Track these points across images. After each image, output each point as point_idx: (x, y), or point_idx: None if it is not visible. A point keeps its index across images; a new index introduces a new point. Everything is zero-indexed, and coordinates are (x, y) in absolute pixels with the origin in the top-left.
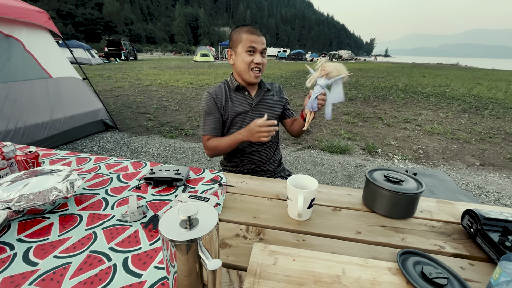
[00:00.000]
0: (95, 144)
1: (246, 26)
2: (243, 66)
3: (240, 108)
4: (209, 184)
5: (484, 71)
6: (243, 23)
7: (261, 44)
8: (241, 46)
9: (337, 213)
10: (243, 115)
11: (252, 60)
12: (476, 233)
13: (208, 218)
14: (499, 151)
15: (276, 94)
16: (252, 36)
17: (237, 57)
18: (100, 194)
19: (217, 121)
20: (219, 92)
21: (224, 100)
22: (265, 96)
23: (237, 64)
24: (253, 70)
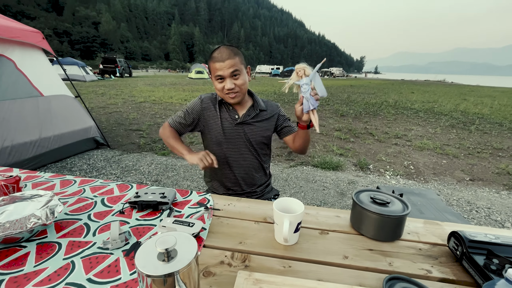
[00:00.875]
0: (85, 163)
1: (215, 50)
2: (218, 92)
3: (224, 121)
4: (196, 207)
5: (470, 87)
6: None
7: (228, 68)
8: (212, 75)
9: (325, 237)
10: (225, 130)
11: (223, 86)
12: (462, 256)
13: (187, 248)
14: (487, 166)
15: (270, 112)
16: (217, 64)
17: (213, 84)
18: (82, 219)
19: (184, 124)
20: (208, 103)
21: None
22: (256, 115)
23: (215, 90)
24: (228, 94)
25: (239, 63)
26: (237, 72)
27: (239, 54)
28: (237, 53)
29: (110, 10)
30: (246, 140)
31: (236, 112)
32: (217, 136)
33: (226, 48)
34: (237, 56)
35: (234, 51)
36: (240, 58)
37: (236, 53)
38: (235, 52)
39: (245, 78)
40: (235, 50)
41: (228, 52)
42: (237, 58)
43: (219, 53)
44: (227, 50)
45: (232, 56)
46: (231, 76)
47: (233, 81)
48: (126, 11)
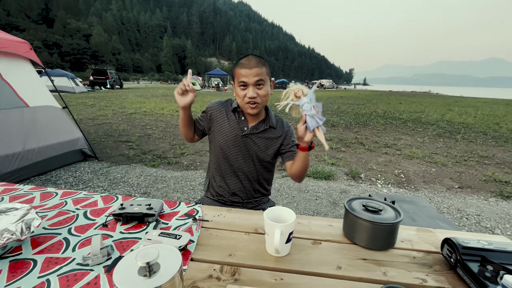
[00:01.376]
0: (71, 175)
1: (244, 57)
2: (239, 100)
3: (232, 130)
4: (184, 218)
5: (454, 98)
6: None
7: (253, 76)
8: (236, 81)
9: (317, 247)
10: (232, 140)
11: (245, 94)
12: (457, 264)
13: (171, 261)
14: (475, 173)
15: (278, 131)
16: (243, 70)
17: (235, 91)
18: (61, 234)
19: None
20: (220, 107)
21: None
22: (264, 130)
23: (236, 98)
24: (249, 104)
25: (265, 73)
26: (262, 82)
27: (266, 65)
28: (265, 64)
29: (102, 23)
30: (249, 153)
31: (246, 123)
32: (222, 142)
33: (255, 57)
34: (264, 67)
35: (262, 61)
36: (267, 70)
37: (264, 64)
38: (263, 63)
39: (268, 90)
40: (263, 61)
41: (257, 61)
42: (264, 68)
43: (247, 60)
44: (256, 59)
45: (260, 65)
46: (255, 85)
47: (256, 90)
48: (118, 23)
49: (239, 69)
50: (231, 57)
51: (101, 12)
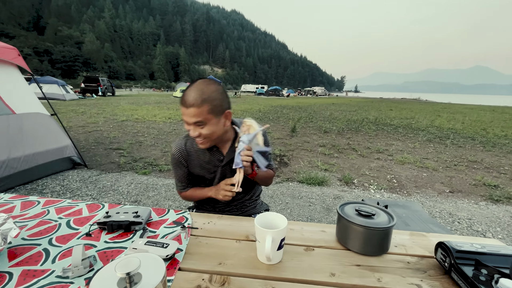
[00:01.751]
0: (58, 184)
1: (187, 88)
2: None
3: (210, 164)
4: (172, 226)
5: (442, 104)
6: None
7: (189, 117)
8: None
9: (310, 253)
10: (213, 173)
11: (189, 131)
12: (451, 268)
13: (153, 271)
14: (465, 178)
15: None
16: (182, 108)
17: None
18: (41, 244)
19: (184, 175)
20: (185, 149)
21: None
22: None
23: None
24: (196, 140)
25: (206, 112)
26: (201, 123)
27: (211, 100)
28: (207, 100)
29: (94, 31)
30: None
31: (219, 152)
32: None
33: (196, 92)
34: (206, 104)
35: (203, 96)
36: (210, 106)
37: (205, 100)
38: (204, 98)
39: (214, 129)
40: (206, 94)
41: (196, 97)
42: (205, 106)
43: (186, 95)
44: (195, 95)
45: (198, 103)
46: (194, 125)
47: (198, 129)
48: (111, 31)
49: (180, 105)
50: (225, 65)
51: (94, 20)
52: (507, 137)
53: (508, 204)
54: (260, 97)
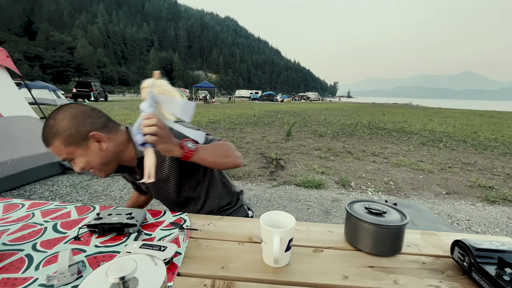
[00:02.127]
0: (47, 189)
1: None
2: None
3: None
4: (169, 228)
5: (433, 109)
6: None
7: (55, 155)
8: None
9: (319, 255)
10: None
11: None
12: (471, 268)
13: (152, 275)
14: (460, 179)
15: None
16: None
17: None
18: (24, 250)
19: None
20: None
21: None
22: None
23: None
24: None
25: (63, 147)
26: (70, 159)
27: (60, 132)
28: (56, 134)
29: (87, 36)
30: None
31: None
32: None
33: (45, 129)
34: (57, 140)
35: (52, 131)
36: (63, 139)
37: (55, 135)
38: (53, 133)
39: (87, 159)
40: (54, 128)
41: (46, 136)
42: (57, 142)
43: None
44: (45, 133)
45: (50, 142)
46: (68, 161)
47: (74, 164)
48: (104, 37)
49: None
50: (219, 70)
51: (87, 25)
52: (497, 140)
53: (504, 205)
54: (254, 102)
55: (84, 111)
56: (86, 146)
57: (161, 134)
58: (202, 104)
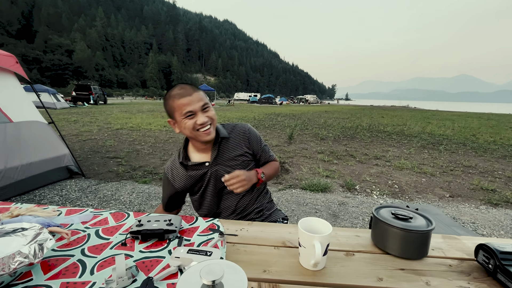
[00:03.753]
0: (57, 194)
1: (174, 88)
2: (188, 132)
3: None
4: (206, 234)
5: (431, 112)
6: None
7: (198, 101)
8: (178, 114)
9: (351, 258)
10: (202, 177)
11: (195, 122)
12: (496, 270)
13: (234, 281)
14: (462, 182)
15: (235, 136)
16: (183, 99)
17: (180, 125)
18: (75, 255)
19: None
20: (174, 171)
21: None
22: (222, 147)
23: (184, 132)
24: (201, 130)
25: (204, 96)
26: (207, 105)
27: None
28: (199, 88)
29: (86, 39)
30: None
31: (202, 164)
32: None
33: (187, 84)
34: (201, 91)
35: (195, 86)
36: (204, 93)
37: (198, 88)
38: (197, 87)
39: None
40: (195, 86)
41: (191, 87)
42: (201, 92)
43: (181, 89)
44: (189, 86)
45: (197, 89)
46: (201, 110)
47: (205, 114)
48: (102, 40)
49: (177, 100)
50: (217, 73)
51: (85, 28)
52: (496, 142)
53: (507, 207)
54: (253, 105)
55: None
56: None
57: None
58: None
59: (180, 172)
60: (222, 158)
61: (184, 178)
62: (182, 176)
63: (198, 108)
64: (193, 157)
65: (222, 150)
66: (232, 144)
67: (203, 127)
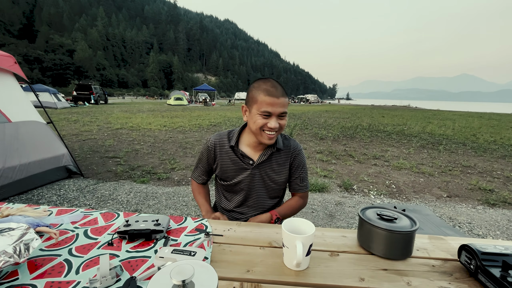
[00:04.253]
0: (55, 193)
1: (267, 82)
2: (254, 128)
3: (238, 167)
4: (193, 234)
5: (432, 111)
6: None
7: (280, 107)
8: (256, 107)
9: (336, 259)
10: (241, 176)
11: (266, 123)
12: (477, 270)
13: (206, 280)
14: (460, 182)
15: (285, 154)
16: (269, 98)
17: (251, 117)
18: (62, 255)
19: (204, 171)
20: (220, 148)
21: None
22: (271, 157)
23: (250, 124)
24: (267, 133)
25: (287, 104)
26: (285, 114)
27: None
28: (286, 94)
29: (87, 39)
30: (258, 184)
31: (250, 158)
32: (228, 180)
33: (280, 85)
34: (287, 98)
35: (284, 91)
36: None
37: (286, 94)
38: (286, 92)
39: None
40: (285, 90)
41: (282, 90)
42: (287, 99)
43: (273, 87)
44: (281, 88)
45: (285, 95)
46: (278, 116)
47: (279, 121)
48: (104, 39)
49: (264, 95)
50: (218, 73)
51: (86, 28)
52: (496, 142)
53: (504, 207)
54: None
55: None
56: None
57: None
58: (202, 107)
59: (226, 152)
60: (266, 165)
61: (227, 160)
62: (226, 157)
63: (277, 113)
64: (242, 147)
65: (270, 158)
66: (281, 157)
67: (271, 131)
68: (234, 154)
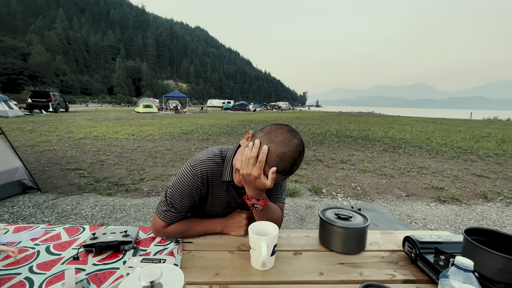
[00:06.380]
0: (6, 211)
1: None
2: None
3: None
4: (163, 244)
5: (393, 117)
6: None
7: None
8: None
9: (299, 257)
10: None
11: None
12: (417, 258)
13: (173, 280)
14: (417, 182)
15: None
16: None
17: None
18: (21, 273)
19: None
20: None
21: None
22: None
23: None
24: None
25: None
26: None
27: None
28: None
29: (44, 42)
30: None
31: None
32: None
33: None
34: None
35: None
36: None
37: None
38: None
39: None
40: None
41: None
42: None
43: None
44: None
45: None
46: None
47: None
48: (63, 43)
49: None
50: (190, 80)
51: (43, 31)
52: (447, 145)
53: (452, 203)
54: (227, 111)
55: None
56: None
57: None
58: (173, 114)
59: (220, 187)
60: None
61: (221, 195)
62: (218, 193)
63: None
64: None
65: None
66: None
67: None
68: (233, 190)
